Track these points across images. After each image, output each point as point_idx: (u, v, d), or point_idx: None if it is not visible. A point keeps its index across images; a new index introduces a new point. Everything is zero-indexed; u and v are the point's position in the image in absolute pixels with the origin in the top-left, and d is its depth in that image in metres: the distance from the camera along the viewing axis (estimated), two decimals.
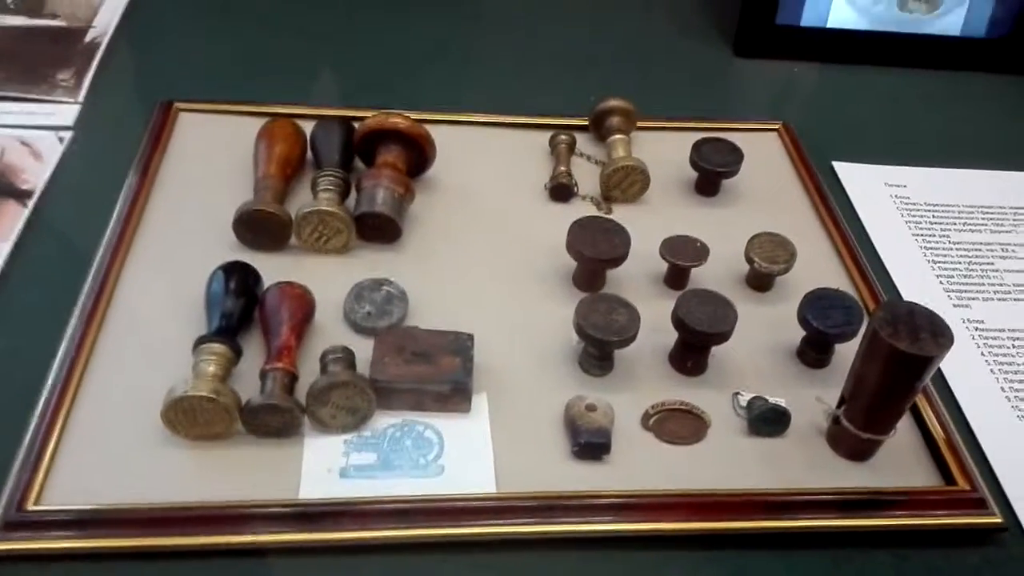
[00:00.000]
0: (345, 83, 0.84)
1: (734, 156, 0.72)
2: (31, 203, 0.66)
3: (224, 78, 0.81)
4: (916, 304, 0.51)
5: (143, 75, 0.82)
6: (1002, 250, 0.73)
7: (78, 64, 0.80)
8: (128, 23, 0.86)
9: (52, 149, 0.71)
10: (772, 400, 0.57)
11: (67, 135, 0.73)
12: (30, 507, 0.48)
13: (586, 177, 0.73)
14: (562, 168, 0.72)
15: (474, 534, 0.50)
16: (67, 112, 0.75)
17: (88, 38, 0.83)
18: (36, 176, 0.69)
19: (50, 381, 0.54)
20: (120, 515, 0.48)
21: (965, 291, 0.69)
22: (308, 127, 0.70)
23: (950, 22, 0.91)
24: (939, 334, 0.50)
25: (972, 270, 0.71)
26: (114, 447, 0.52)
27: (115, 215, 0.65)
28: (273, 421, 0.52)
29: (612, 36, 0.94)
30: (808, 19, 0.90)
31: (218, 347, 0.53)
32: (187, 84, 0.78)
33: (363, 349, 0.56)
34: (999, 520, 0.53)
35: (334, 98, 0.81)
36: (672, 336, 0.59)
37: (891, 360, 0.50)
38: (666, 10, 0.98)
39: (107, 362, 0.56)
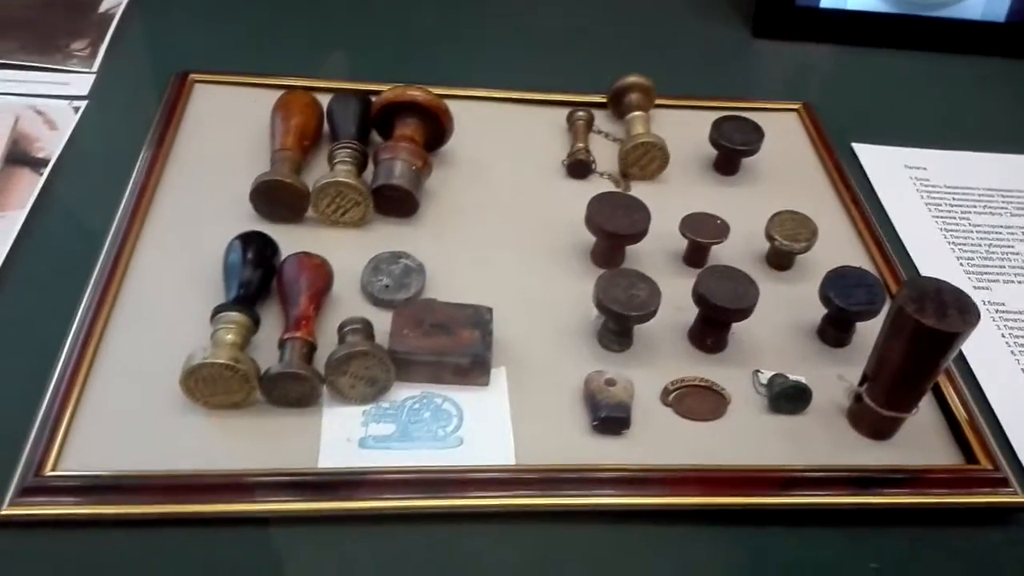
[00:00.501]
0: (356, 60, 0.83)
1: (755, 135, 0.71)
2: (46, 171, 0.66)
3: (235, 51, 0.80)
4: (943, 281, 0.51)
5: (157, 46, 0.81)
6: (1022, 233, 0.72)
7: (92, 34, 0.79)
8: None
9: (67, 118, 0.71)
10: (793, 378, 0.56)
11: (82, 104, 0.72)
12: (47, 472, 0.48)
13: (604, 155, 0.72)
14: (580, 144, 0.72)
15: (492, 505, 0.50)
16: (82, 82, 0.74)
17: (102, 8, 0.83)
18: (51, 145, 0.68)
19: (66, 349, 0.54)
20: (137, 482, 0.48)
21: (985, 273, 0.68)
22: (324, 100, 0.70)
23: (970, 6, 0.90)
24: (966, 311, 0.49)
25: (992, 252, 0.70)
26: (131, 415, 0.51)
27: (130, 184, 0.64)
28: (292, 390, 0.52)
29: (629, 17, 0.93)
30: (828, 0, 0.90)
31: (236, 316, 0.53)
32: (200, 56, 0.77)
33: (380, 322, 0.56)
34: (1021, 499, 0.53)
35: (345, 76, 0.80)
36: (691, 313, 0.59)
37: (916, 336, 0.49)
38: None
39: (123, 331, 0.56)
